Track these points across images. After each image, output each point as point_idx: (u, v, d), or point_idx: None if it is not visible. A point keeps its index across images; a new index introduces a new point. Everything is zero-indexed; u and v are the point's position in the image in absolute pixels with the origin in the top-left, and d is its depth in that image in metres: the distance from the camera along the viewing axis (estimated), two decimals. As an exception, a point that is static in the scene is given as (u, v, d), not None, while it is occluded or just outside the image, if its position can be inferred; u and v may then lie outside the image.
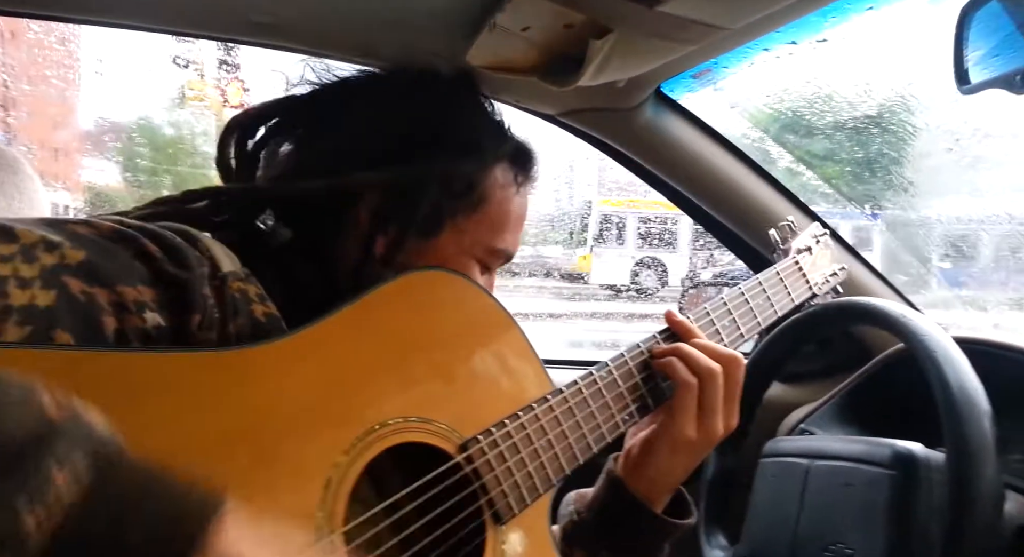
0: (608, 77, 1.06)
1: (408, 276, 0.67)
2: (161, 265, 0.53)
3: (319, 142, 0.73)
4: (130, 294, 0.51)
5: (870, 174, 1.93)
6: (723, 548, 1.10)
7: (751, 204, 1.37)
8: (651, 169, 1.39)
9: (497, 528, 0.66)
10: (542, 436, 0.70)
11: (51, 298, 0.47)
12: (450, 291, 0.70)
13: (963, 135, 1.69)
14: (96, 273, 0.50)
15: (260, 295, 0.61)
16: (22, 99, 2.15)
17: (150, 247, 0.54)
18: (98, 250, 0.51)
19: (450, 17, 1.01)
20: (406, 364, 0.64)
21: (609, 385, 0.77)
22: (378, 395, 0.61)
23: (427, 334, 0.66)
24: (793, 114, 1.76)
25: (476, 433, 0.66)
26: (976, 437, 0.79)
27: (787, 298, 0.96)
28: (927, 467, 0.87)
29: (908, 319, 0.93)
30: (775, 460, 1.06)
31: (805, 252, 1.02)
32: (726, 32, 0.92)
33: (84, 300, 0.49)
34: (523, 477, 0.68)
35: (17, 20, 1.98)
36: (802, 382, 1.44)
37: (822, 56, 1.32)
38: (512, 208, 0.78)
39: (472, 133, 0.75)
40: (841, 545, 0.90)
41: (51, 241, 0.49)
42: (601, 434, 0.75)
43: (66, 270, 0.48)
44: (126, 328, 0.50)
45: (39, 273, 0.47)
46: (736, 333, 0.88)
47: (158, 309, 0.52)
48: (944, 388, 0.83)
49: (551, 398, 0.72)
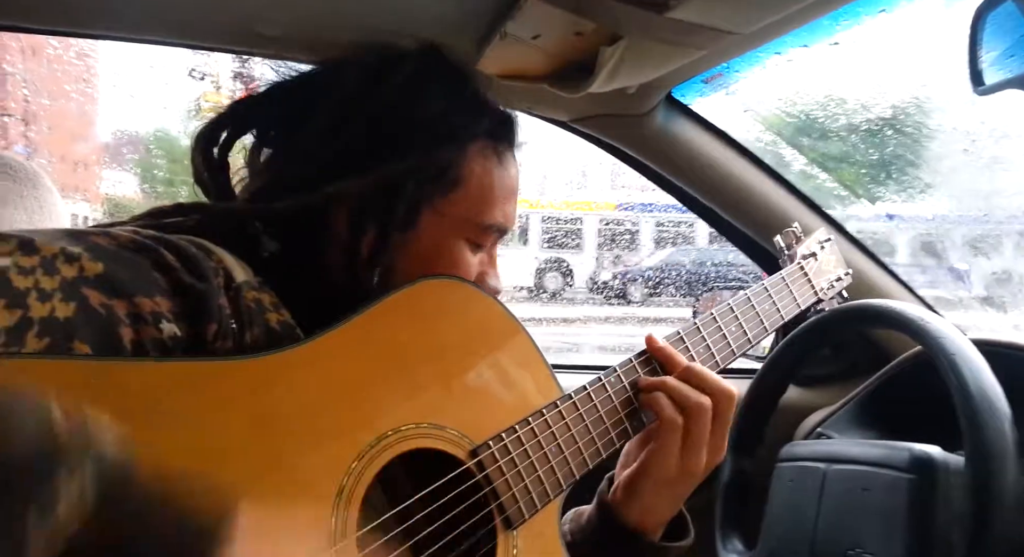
0: (619, 83, 1.07)
1: (417, 285, 0.67)
2: (179, 275, 0.54)
3: (289, 145, 0.71)
4: (147, 305, 0.52)
5: (885, 176, 1.92)
6: (740, 553, 1.09)
7: (765, 208, 1.36)
8: (664, 174, 1.39)
9: (508, 533, 0.67)
10: (552, 441, 0.71)
11: (71, 310, 0.48)
12: (458, 298, 0.70)
13: (979, 136, 1.68)
14: (114, 285, 0.50)
15: (275, 303, 0.61)
16: (42, 113, 2.19)
17: (168, 257, 0.54)
18: (116, 261, 0.52)
19: (461, 26, 1.02)
20: (416, 371, 0.64)
21: (619, 391, 0.77)
22: (389, 402, 0.62)
23: (436, 341, 0.67)
24: (806, 117, 1.75)
25: (487, 439, 0.67)
26: (996, 440, 0.78)
27: (793, 304, 0.96)
28: (946, 471, 0.86)
29: (925, 321, 0.92)
30: (792, 464, 1.05)
31: (811, 258, 1.02)
32: (736, 37, 0.92)
33: (103, 312, 0.49)
34: (533, 482, 0.68)
35: (37, 37, 2.02)
36: (819, 385, 1.43)
37: (835, 59, 1.32)
38: (495, 181, 0.74)
39: (442, 115, 0.71)
40: (859, 550, 0.90)
41: (70, 253, 0.50)
42: (611, 439, 0.75)
43: (85, 282, 0.49)
44: (143, 339, 0.51)
45: (59, 285, 0.48)
46: (743, 338, 0.88)
47: (175, 320, 0.53)
48: (963, 391, 0.82)
49: (561, 403, 0.73)
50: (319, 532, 0.54)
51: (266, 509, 0.51)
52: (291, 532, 0.52)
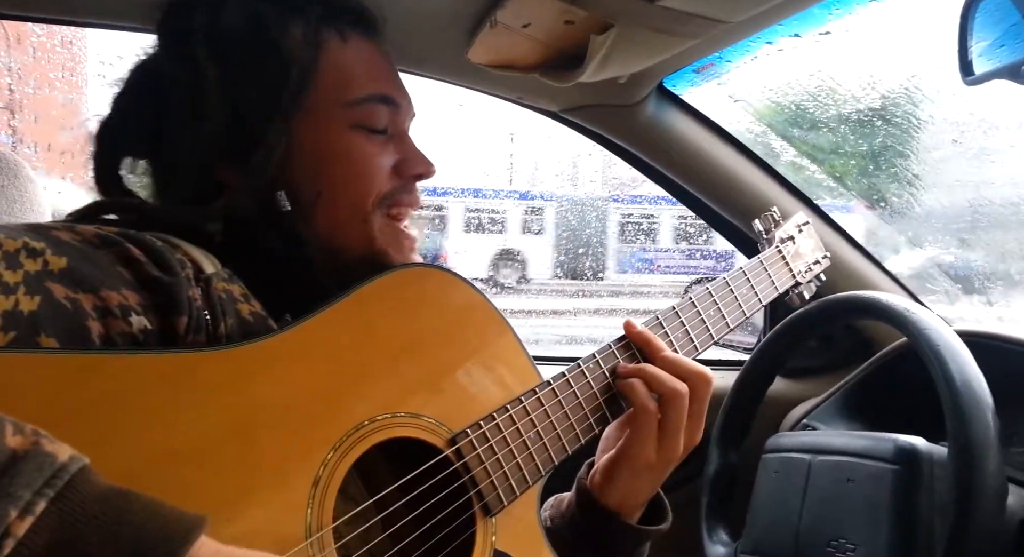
0: (610, 73, 1.06)
1: (397, 273, 0.67)
2: (145, 269, 0.53)
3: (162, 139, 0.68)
4: (114, 298, 0.51)
5: (875, 167, 1.92)
6: (725, 544, 1.10)
7: (755, 199, 1.36)
8: (655, 165, 1.39)
9: (487, 520, 0.67)
10: (531, 429, 0.71)
11: (35, 304, 0.47)
12: (438, 287, 0.70)
13: (968, 127, 1.68)
14: (79, 279, 0.50)
15: (244, 294, 0.61)
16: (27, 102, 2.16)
17: (133, 251, 0.54)
18: (80, 256, 0.51)
19: (450, 14, 1.01)
20: (394, 360, 0.64)
21: (598, 377, 0.77)
22: (366, 391, 0.61)
23: (415, 330, 0.67)
24: (797, 108, 1.75)
25: (465, 427, 0.67)
26: (979, 431, 0.79)
27: (771, 287, 0.96)
28: (930, 462, 0.87)
29: (911, 313, 0.93)
30: (777, 456, 1.06)
31: (788, 241, 1.02)
32: (727, 26, 0.92)
33: (69, 306, 0.49)
34: (512, 469, 0.68)
35: (21, 23, 1.99)
36: (805, 377, 1.44)
37: (826, 49, 1.31)
38: (348, 60, 0.71)
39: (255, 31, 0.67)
40: (844, 540, 0.90)
41: (33, 248, 0.49)
42: (589, 425, 0.75)
43: (50, 276, 0.48)
44: (112, 333, 0.50)
45: (22, 279, 0.47)
46: (722, 322, 0.88)
47: (144, 313, 0.52)
48: (947, 382, 0.83)
49: (539, 390, 0.73)
50: (294, 524, 0.53)
51: (240, 502, 0.51)
52: (266, 525, 0.52)
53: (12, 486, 0.34)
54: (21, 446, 0.35)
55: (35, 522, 0.34)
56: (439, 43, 1.09)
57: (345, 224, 0.71)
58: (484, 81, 1.23)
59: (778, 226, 1.03)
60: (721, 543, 1.10)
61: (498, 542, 0.67)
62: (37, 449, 0.36)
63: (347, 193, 0.70)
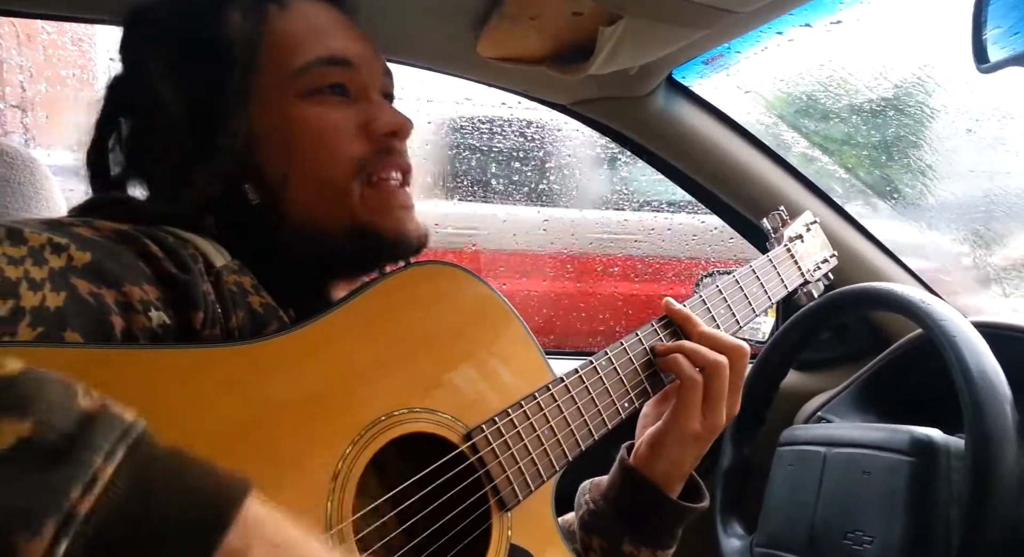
0: (619, 64, 1.05)
1: (410, 270, 0.68)
2: (164, 265, 0.54)
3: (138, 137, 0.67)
4: (136, 294, 0.51)
5: (887, 158, 1.90)
6: (740, 537, 1.09)
7: (765, 191, 1.35)
8: (664, 157, 1.38)
9: (502, 514, 0.67)
10: (544, 424, 0.71)
11: (61, 299, 0.47)
12: (451, 283, 0.71)
13: (982, 116, 1.66)
14: (103, 274, 0.50)
15: (255, 286, 0.61)
16: (39, 101, 2.17)
17: (152, 247, 0.54)
18: (103, 251, 0.52)
19: (457, 7, 1.01)
20: (409, 356, 0.65)
21: (609, 374, 0.78)
22: (383, 387, 0.62)
23: (429, 326, 0.67)
24: (808, 98, 1.73)
25: (480, 422, 0.67)
26: (996, 423, 0.78)
27: (780, 285, 0.97)
28: (946, 454, 0.86)
29: (926, 304, 0.92)
30: (792, 448, 1.05)
31: (797, 240, 1.03)
32: (737, 16, 0.91)
33: (93, 301, 0.49)
34: (527, 464, 0.69)
35: (31, 22, 1.99)
36: (819, 369, 1.43)
37: (837, 38, 1.30)
38: (289, 28, 0.66)
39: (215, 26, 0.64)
40: (860, 533, 0.90)
41: (57, 243, 0.49)
42: (602, 421, 0.76)
43: (74, 272, 0.49)
44: (133, 327, 0.51)
45: (48, 275, 0.47)
46: (731, 320, 0.89)
47: (163, 308, 0.53)
48: (964, 373, 0.82)
49: (552, 387, 0.73)
50: (314, 518, 0.54)
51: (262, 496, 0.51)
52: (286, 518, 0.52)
53: (93, 437, 0.35)
54: (92, 407, 0.37)
55: (116, 468, 0.35)
56: (448, 38, 1.09)
57: (320, 202, 0.66)
58: (493, 75, 1.23)
59: (786, 225, 1.04)
60: (736, 536, 1.09)
61: (514, 536, 0.67)
62: (106, 410, 0.37)
63: (314, 168, 0.66)
